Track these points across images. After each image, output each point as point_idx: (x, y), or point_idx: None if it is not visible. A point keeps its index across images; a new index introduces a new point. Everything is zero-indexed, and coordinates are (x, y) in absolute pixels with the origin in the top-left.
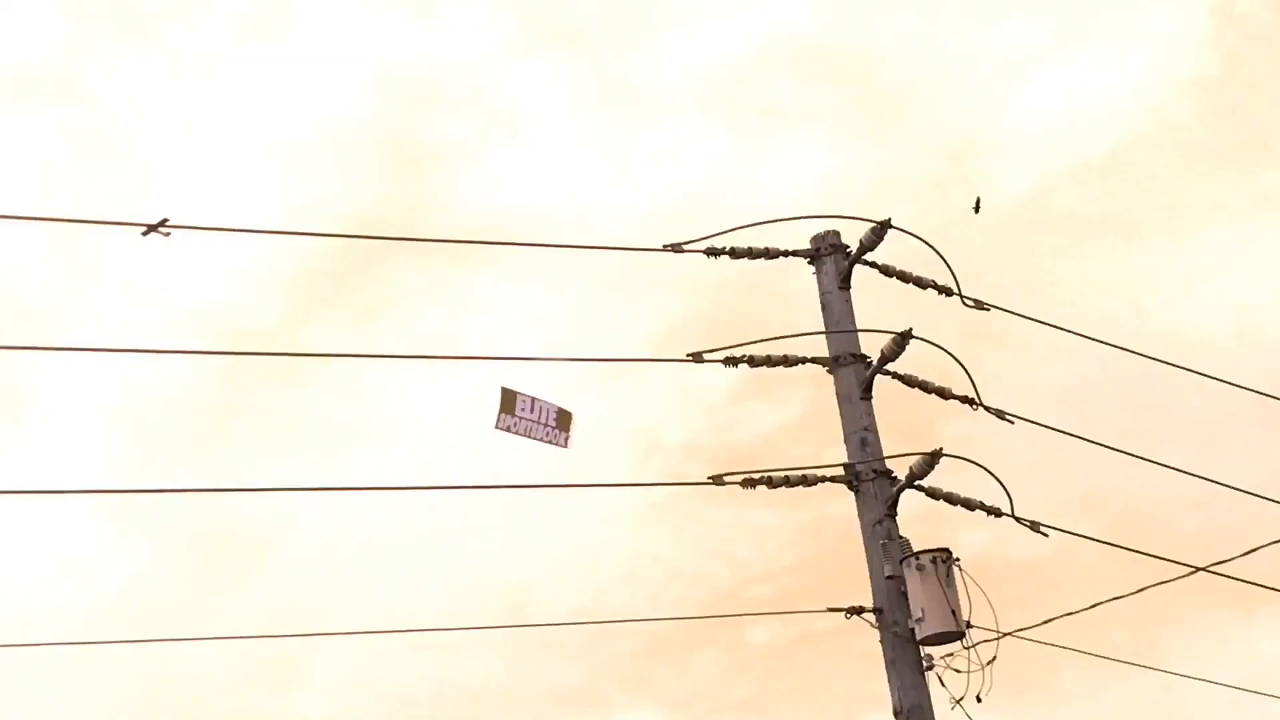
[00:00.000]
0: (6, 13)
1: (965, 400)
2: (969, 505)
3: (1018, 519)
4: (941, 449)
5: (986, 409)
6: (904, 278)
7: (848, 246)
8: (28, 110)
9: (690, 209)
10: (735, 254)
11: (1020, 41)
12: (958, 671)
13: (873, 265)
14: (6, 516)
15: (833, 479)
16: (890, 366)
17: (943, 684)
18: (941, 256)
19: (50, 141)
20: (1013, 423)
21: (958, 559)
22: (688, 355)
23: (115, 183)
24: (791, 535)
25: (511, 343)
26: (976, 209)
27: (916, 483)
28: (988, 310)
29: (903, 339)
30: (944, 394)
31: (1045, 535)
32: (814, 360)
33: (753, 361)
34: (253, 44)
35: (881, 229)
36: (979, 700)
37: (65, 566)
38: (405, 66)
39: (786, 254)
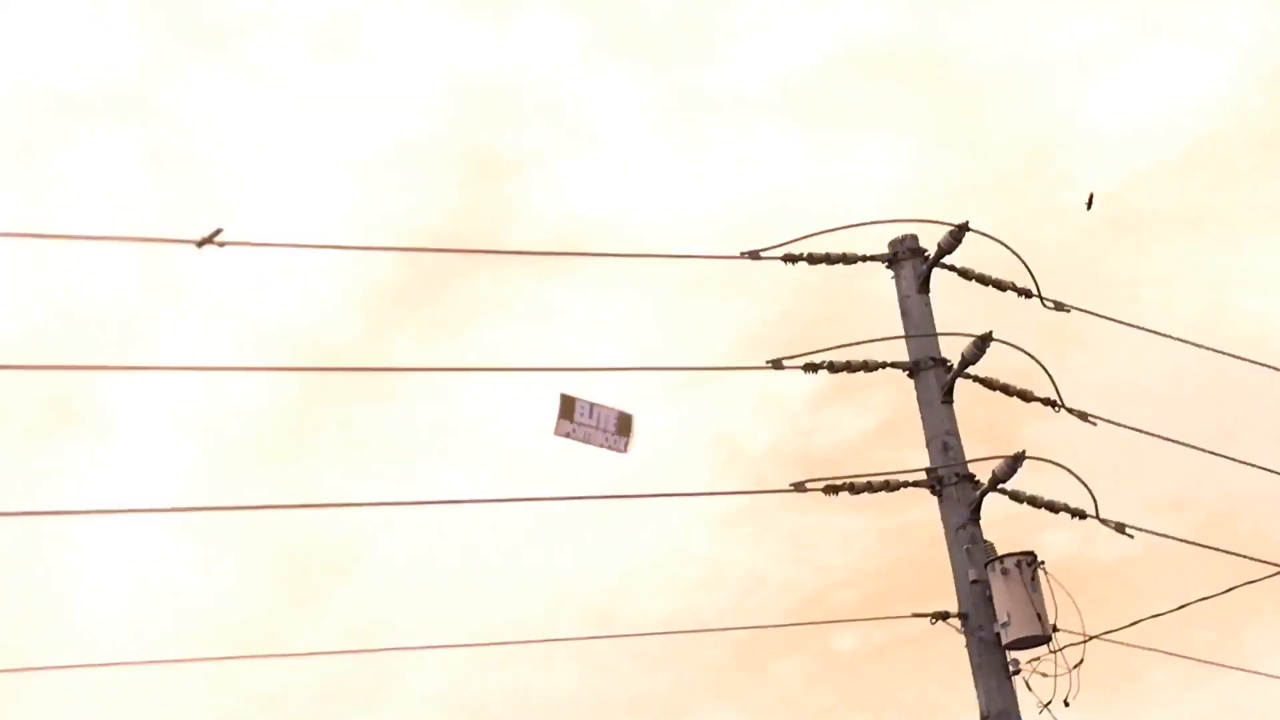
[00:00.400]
0: (84, 32)
1: (1047, 402)
2: (1053, 508)
3: (1102, 520)
4: (1024, 452)
5: (1069, 411)
6: (983, 280)
7: (926, 250)
8: (106, 129)
9: (767, 215)
10: (813, 260)
11: (1097, 39)
12: (1045, 676)
13: (951, 268)
14: (93, 536)
15: (915, 484)
16: (971, 370)
17: (1029, 688)
18: (1020, 258)
19: (128, 160)
20: (1095, 424)
21: (1042, 562)
22: (767, 362)
23: (193, 200)
24: (876, 540)
25: (590, 353)
26: (1089, 206)
27: (999, 486)
28: (1068, 311)
29: (983, 342)
30: (1025, 396)
31: (1130, 536)
32: (894, 365)
33: (832, 367)
34: (329, 58)
35: (960, 232)
36: (1067, 704)
37: (150, 585)
38: (480, 78)
39: (864, 259)
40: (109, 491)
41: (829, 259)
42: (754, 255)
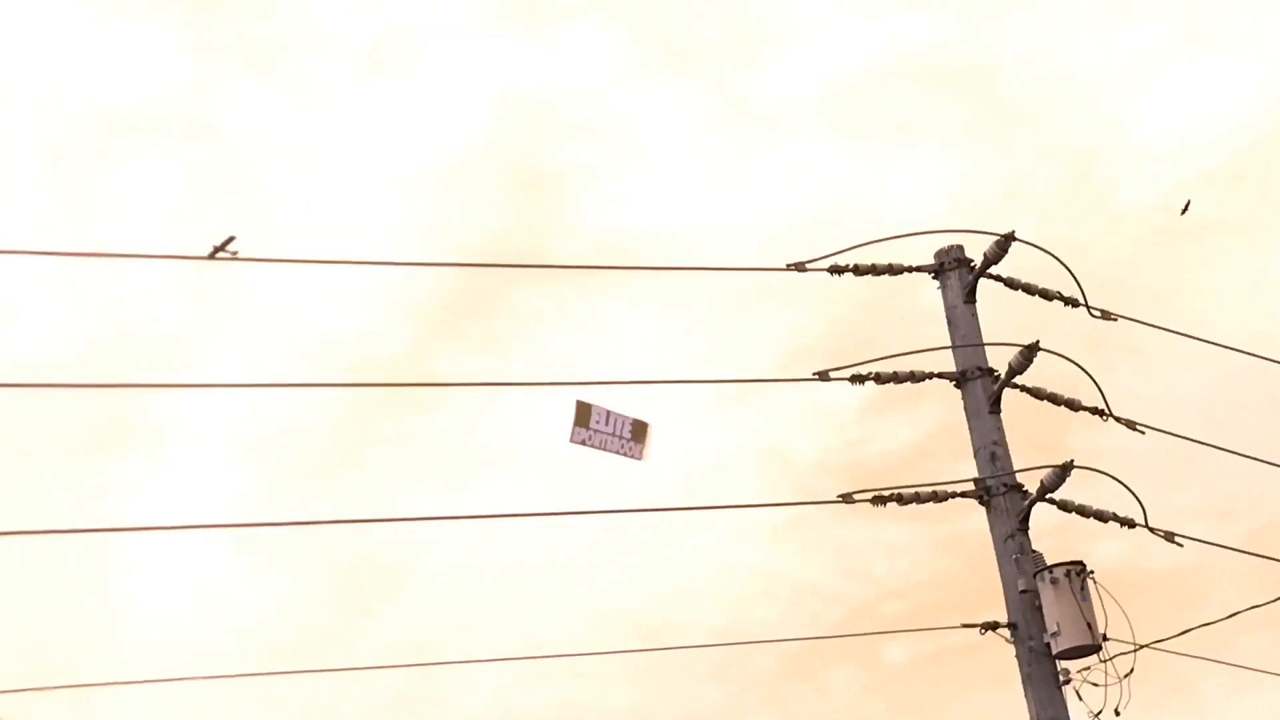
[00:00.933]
0: (133, 50)
1: (1095, 411)
2: (1101, 517)
3: (1151, 529)
4: (1072, 461)
5: (1117, 420)
6: (1029, 290)
7: (972, 260)
8: (155, 146)
9: (814, 226)
10: (859, 271)
11: (1142, 49)
12: (1095, 685)
13: (998, 278)
14: (146, 552)
15: (963, 494)
16: (1018, 380)
17: (1080, 698)
18: (1067, 267)
19: (177, 177)
20: (1143, 433)
21: (1092, 571)
22: (814, 374)
23: (242, 217)
24: (927, 550)
25: (637, 366)
26: (1184, 211)
27: (1048, 496)
28: (1114, 320)
29: (1030, 351)
30: (1073, 406)
31: (1180, 545)
32: (941, 376)
33: (879, 378)
34: (376, 74)
35: (1006, 242)
36: (1117, 714)
37: (203, 601)
38: (526, 92)
39: (910, 270)
40: (162, 507)
41: (875, 270)
42: (799, 267)
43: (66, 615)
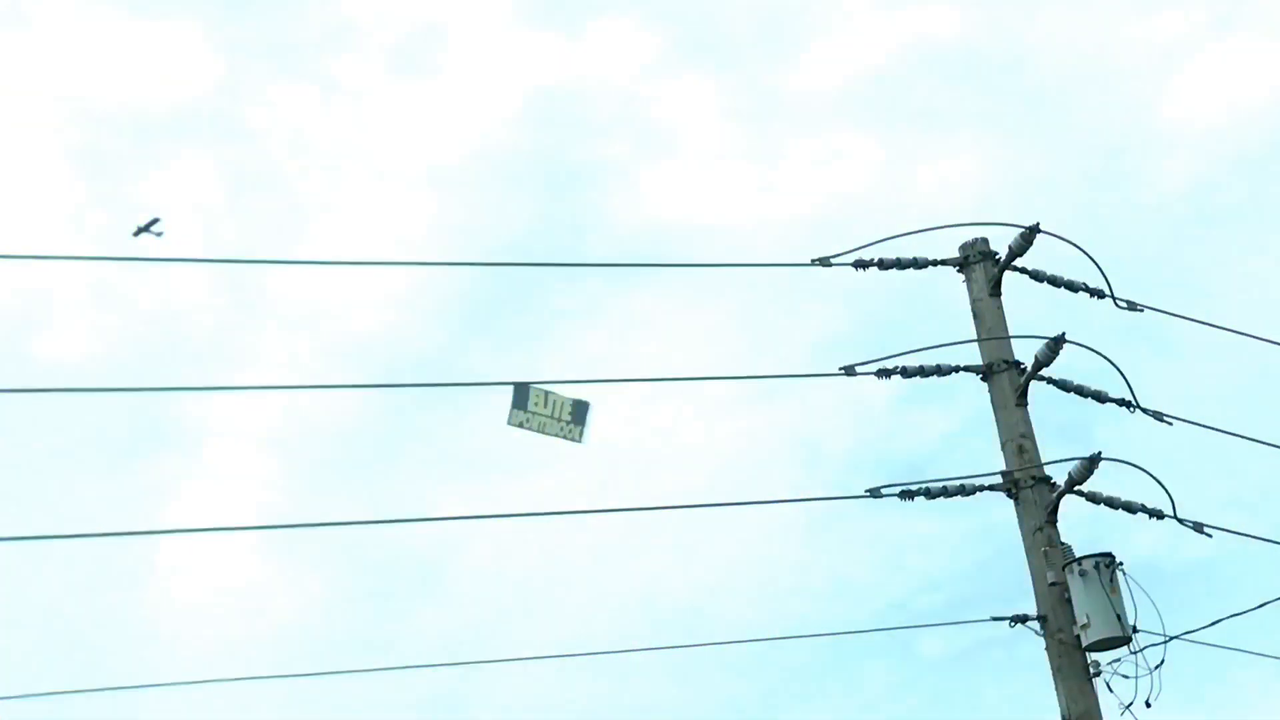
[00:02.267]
0: (163, 52)
1: (1122, 403)
2: (1130, 509)
3: (1180, 520)
4: (1100, 453)
5: (1144, 411)
6: (1055, 282)
7: (996, 253)
8: (186, 148)
9: (843, 218)
10: (884, 265)
11: (1171, 36)
12: (1125, 677)
13: (1023, 271)
14: (181, 553)
15: (990, 488)
16: (1045, 372)
17: (1111, 690)
18: (1092, 259)
19: (209, 178)
20: (1171, 424)
21: (1121, 563)
22: (840, 369)
23: (274, 216)
24: (961, 543)
25: (668, 361)
26: None
27: (1076, 488)
28: (1140, 311)
29: (1056, 344)
30: (1100, 398)
31: (1209, 536)
32: (967, 369)
33: (905, 372)
34: (406, 74)
35: (1030, 234)
36: (1148, 705)
37: (240, 598)
38: (555, 89)
39: (935, 263)
40: (198, 508)
41: (899, 264)
42: (824, 262)
43: (106, 615)
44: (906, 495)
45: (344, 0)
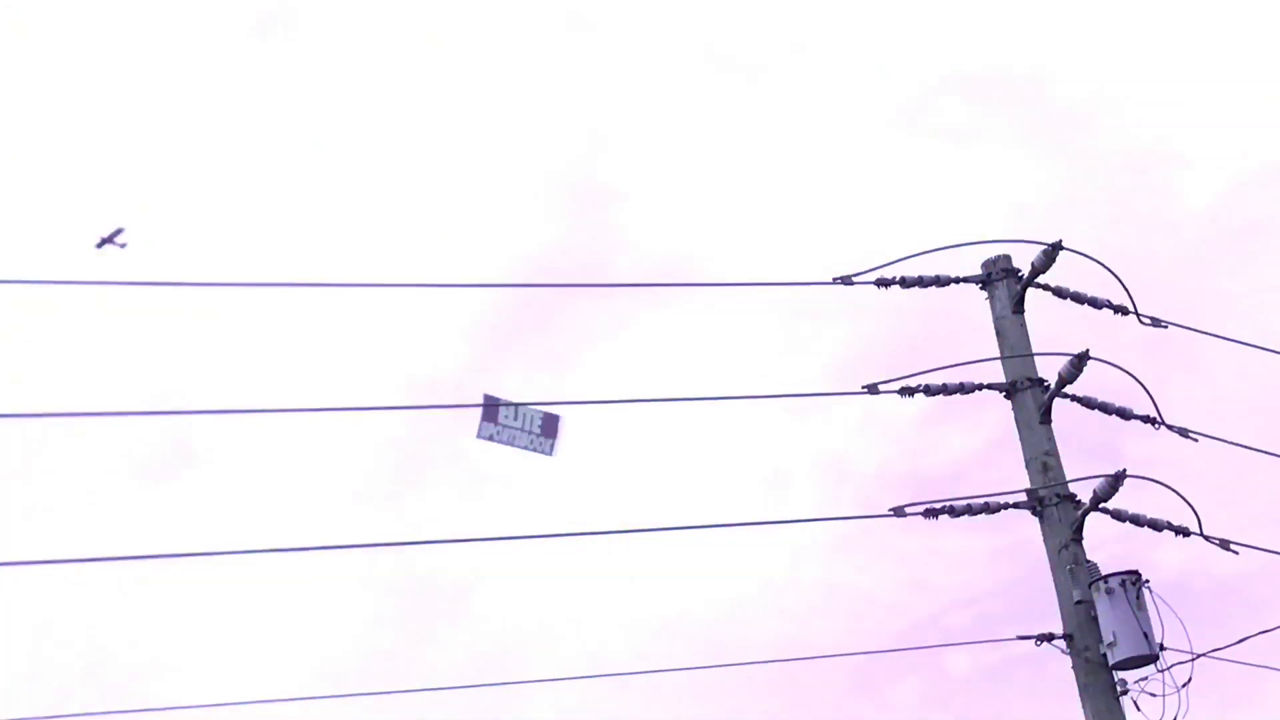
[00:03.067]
0: (180, 69)
1: (1147, 420)
2: (1155, 526)
3: (1206, 537)
4: (1125, 470)
5: (1169, 428)
6: (1078, 299)
7: (1019, 270)
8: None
9: (868, 236)
10: (905, 283)
11: (1194, 54)
12: (1153, 695)
13: (1046, 288)
14: (209, 575)
15: (1015, 505)
16: (1069, 389)
17: (1138, 709)
18: (1115, 275)
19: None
20: (1196, 440)
21: (1148, 580)
22: (863, 387)
23: (301, 235)
24: (988, 561)
25: (694, 380)
26: None
27: (1101, 505)
28: (1165, 327)
29: (1080, 361)
30: (1125, 415)
31: (1235, 553)
32: (990, 387)
33: (928, 390)
34: (427, 89)
35: (1053, 251)
36: None
37: (270, 622)
38: (578, 111)
39: (957, 281)
40: (226, 529)
41: (921, 282)
42: (846, 280)
43: (132, 639)
44: (930, 514)
45: (361, 19)
